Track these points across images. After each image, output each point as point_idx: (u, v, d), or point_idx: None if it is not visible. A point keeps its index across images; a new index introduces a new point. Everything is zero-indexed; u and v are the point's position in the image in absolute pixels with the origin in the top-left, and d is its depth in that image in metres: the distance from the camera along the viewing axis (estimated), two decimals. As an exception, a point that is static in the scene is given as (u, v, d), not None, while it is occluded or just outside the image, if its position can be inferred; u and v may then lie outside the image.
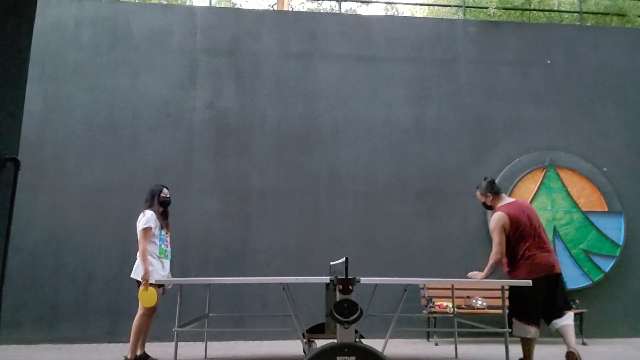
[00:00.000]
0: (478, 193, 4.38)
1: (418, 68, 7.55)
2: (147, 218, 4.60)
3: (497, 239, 4.07)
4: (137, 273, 4.54)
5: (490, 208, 4.34)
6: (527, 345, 4.01)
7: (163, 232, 4.72)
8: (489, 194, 4.28)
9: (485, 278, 4.12)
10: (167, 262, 4.73)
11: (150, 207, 4.72)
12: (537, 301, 3.97)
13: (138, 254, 4.56)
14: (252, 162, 7.02)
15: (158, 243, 4.64)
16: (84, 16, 7.18)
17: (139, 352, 4.60)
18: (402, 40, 7.62)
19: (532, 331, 3.95)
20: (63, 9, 7.16)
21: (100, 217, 6.61)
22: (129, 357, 4.47)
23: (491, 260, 4.10)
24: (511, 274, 4.13)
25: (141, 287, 4.43)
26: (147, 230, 4.55)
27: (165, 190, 4.82)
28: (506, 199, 4.26)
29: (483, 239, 7.06)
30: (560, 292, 4.04)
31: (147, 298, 4.42)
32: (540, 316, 4.01)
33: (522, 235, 4.05)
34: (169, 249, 4.77)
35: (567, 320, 3.97)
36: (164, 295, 4.85)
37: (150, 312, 4.57)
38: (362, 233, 6.94)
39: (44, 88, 6.91)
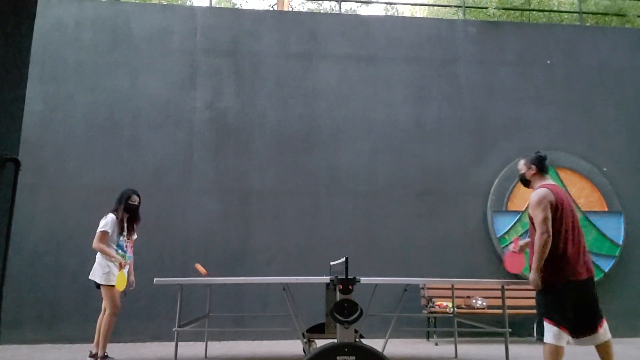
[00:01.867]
0: (522, 162, 3.77)
1: (418, 68, 7.55)
2: (106, 221, 4.73)
3: (542, 215, 3.34)
4: (94, 274, 4.68)
5: (527, 183, 3.72)
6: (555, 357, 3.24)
7: (122, 238, 4.81)
8: (534, 166, 3.65)
9: (537, 271, 3.39)
10: (125, 267, 4.79)
11: (114, 210, 4.85)
12: (567, 304, 3.30)
13: (97, 255, 4.71)
14: (252, 162, 7.02)
15: (115, 248, 4.75)
16: (84, 16, 7.18)
17: (94, 351, 4.67)
18: (402, 40, 7.62)
19: (564, 337, 3.25)
20: (63, 9, 7.16)
21: (100, 217, 6.59)
22: (99, 354, 4.60)
23: (537, 245, 3.36)
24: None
25: (120, 270, 4.64)
26: (103, 233, 4.68)
27: (134, 196, 4.92)
28: (549, 180, 3.63)
29: (483, 239, 7.06)
30: (591, 302, 3.36)
31: (118, 280, 4.63)
32: (574, 322, 3.32)
33: (563, 224, 3.38)
34: (128, 254, 4.85)
35: (606, 336, 3.34)
36: (126, 296, 5.03)
37: (117, 311, 4.70)
38: (362, 233, 6.94)
39: (45, 88, 6.91)
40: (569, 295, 3.31)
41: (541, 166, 3.66)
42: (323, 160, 7.13)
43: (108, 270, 4.64)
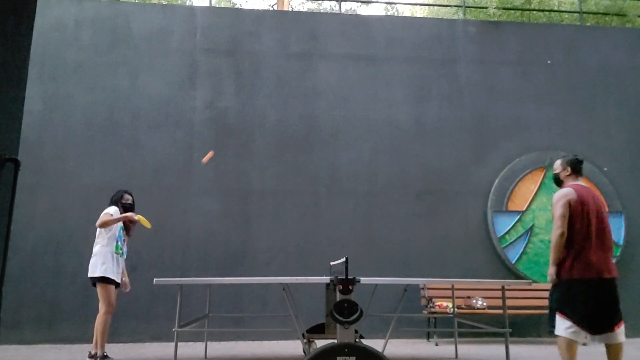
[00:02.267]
0: (558, 162, 3.89)
1: (418, 68, 7.54)
2: (110, 209, 4.79)
3: (559, 211, 3.52)
4: (92, 270, 4.64)
5: (559, 183, 3.86)
6: (571, 353, 3.37)
7: (122, 232, 4.86)
8: (569, 167, 3.79)
9: (555, 265, 3.52)
10: (121, 260, 4.83)
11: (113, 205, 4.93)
12: (581, 300, 3.40)
13: (94, 251, 4.68)
14: (252, 162, 7.01)
15: (115, 240, 4.77)
16: (83, 16, 7.18)
17: (93, 351, 4.65)
18: (402, 40, 7.61)
19: (581, 333, 3.37)
20: (63, 9, 7.15)
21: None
22: (98, 354, 4.56)
23: (552, 240, 3.52)
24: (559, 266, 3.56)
25: (137, 216, 4.78)
26: (108, 215, 4.71)
27: (126, 195, 4.97)
28: (580, 182, 3.77)
29: (483, 239, 7.05)
30: (610, 302, 3.51)
31: (145, 221, 4.80)
32: (589, 319, 3.42)
33: (583, 223, 3.50)
34: (125, 248, 4.89)
35: (621, 338, 3.50)
36: (119, 293, 4.93)
37: (111, 309, 4.68)
38: (362, 233, 6.93)
39: (44, 88, 6.90)
40: (583, 292, 3.40)
41: (576, 168, 3.80)
42: (323, 160, 7.12)
43: (105, 266, 4.61)
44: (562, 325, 3.39)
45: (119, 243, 4.79)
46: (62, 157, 6.75)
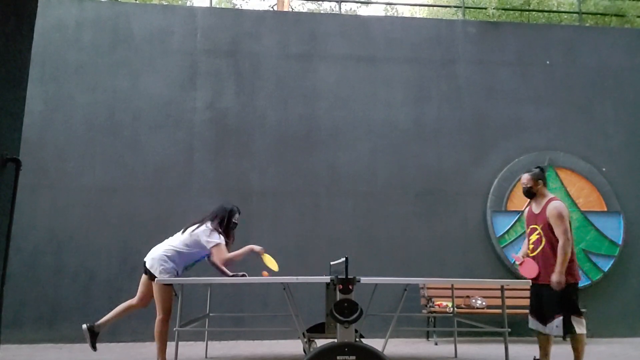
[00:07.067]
0: (528, 176, 4.19)
1: (418, 69, 7.56)
2: (215, 235, 4.31)
3: (565, 225, 3.92)
4: (153, 267, 4.19)
5: (532, 195, 4.20)
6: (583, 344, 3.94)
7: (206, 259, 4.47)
8: (540, 180, 4.17)
9: (560, 275, 3.88)
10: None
11: (220, 226, 4.39)
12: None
13: (171, 247, 4.27)
14: (252, 162, 7.03)
15: (196, 259, 4.42)
16: (84, 17, 7.20)
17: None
18: (402, 40, 7.63)
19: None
20: (64, 9, 7.17)
21: (101, 217, 6.62)
22: None
23: (565, 253, 3.88)
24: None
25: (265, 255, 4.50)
26: (221, 245, 4.27)
27: (237, 215, 4.55)
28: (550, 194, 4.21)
29: (483, 239, 7.07)
30: None
31: (271, 261, 4.55)
32: None
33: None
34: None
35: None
36: (176, 295, 4.36)
37: (167, 317, 4.25)
38: (362, 233, 6.95)
39: (45, 88, 6.92)
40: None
41: (545, 180, 4.21)
42: (323, 160, 7.14)
43: (170, 274, 4.19)
44: (583, 325, 3.88)
45: (196, 264, 4.47)
46: (63, 157, 6.77)
